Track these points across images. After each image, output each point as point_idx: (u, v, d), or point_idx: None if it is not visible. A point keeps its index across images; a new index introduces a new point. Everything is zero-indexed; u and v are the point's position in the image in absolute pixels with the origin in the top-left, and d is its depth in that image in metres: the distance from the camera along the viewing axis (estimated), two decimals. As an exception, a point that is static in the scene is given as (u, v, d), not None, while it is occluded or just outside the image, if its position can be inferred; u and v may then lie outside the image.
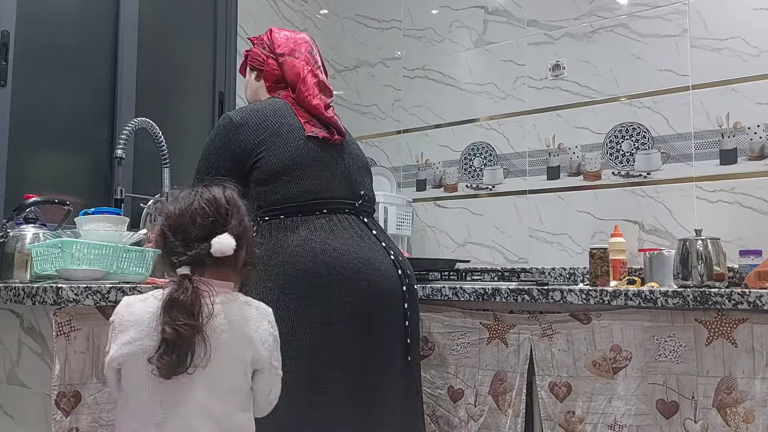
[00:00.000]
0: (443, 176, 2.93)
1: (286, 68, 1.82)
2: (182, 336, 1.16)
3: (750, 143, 2.25)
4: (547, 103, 2.66)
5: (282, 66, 1.83)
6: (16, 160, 2.24)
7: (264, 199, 1.68)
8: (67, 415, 1.43)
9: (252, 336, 1.26)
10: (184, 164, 2.67)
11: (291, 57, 1.82)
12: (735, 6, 2.30)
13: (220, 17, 2.97)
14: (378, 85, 3.15)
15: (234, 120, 1.72)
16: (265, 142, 1.69)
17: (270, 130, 1.70)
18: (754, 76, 2.25)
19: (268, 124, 1.72)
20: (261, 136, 1.70)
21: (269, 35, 1.88)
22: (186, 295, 1.19)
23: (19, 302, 1.49)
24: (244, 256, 1.28)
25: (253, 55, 1.89)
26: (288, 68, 1.82)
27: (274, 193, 1.67)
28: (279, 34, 1.87)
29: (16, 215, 1.84)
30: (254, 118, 1.72)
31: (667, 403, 1.73)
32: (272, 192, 1.68)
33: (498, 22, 2.82)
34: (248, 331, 1.25)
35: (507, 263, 2.70)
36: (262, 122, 1.72)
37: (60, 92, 2.41)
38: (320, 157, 1.72)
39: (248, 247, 1.29)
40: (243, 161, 1.70)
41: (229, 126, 1.71)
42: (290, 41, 1.85)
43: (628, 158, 2.48)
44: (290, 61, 1.82)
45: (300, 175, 1.68)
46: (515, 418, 1.90)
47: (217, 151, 1.71)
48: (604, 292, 1.80)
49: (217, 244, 1.21)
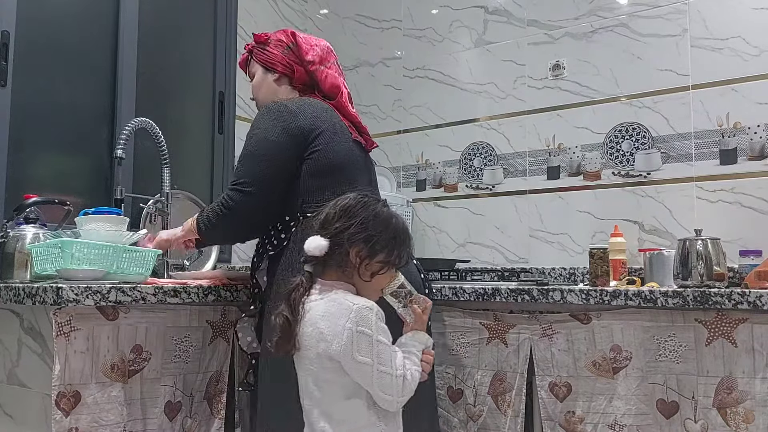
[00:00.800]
0: (443, 176, 2.93)
1: (320, 77, 1.83)
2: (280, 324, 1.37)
3: (750, 143, 2.25)
4: (547, 103, 2.66)
5: (313, 74, 1.83)
6: (16, 160, 2.24)
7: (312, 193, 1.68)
8: (66, 415, 1.44)
9: (323, 331, 1.33)
10: (184, 164, 2.67)
11: (323, 66, 1.83)
12: (735, 6, 2.30)
13: (220, 17, 2.97)
14: (378, 85, 3.15)
15: (289, 107, 1.70)
16: (324, 135, 1.69)
17: (326, 125, 1.71)
18: (754, 76, 2.25)
19: (324, 117, 1.72)
20: (319, 127, 1.70)
21: (292, 38, 1.86)
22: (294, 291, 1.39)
23: (19, 302, 1.49)
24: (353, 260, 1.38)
25: (271, 56, 1.85)
26: (321, 78, 1.83)
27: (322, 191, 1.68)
28: (303, 39, 1.86)
29: (16, 215, 1.84)
30: (308, 109, 1.72)
31: (667, 403, 1.73)
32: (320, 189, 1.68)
33: (498, 22, 2.81)
34: (321, 327, 1.34)
35: (507, 263, 2.70)
36: (318, 115, 1.72)
37: (60, 92, 2.41)
38: (362, 162, 1.80)
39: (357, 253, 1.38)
40: (301, 145, 1.68)
41: (285, 111, 1.69)
42: (317, 48, 1.85)
43: (628, 158, 2.48)
44: (323, 71, 1.83)
45: (348, 176, 1.71)
46: (515, 418, 1.90)
47: (277, 135, 1.67)
48: (604, 292, 1.80)
49: (307, 244, 1.39)
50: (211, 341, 1.76)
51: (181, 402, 1.68)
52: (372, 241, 1.39)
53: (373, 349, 1.32)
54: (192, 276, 1.85)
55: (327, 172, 1.68)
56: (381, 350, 1.33)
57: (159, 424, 1.62)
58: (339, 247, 1.38)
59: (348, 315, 1.33)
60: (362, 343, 1.32)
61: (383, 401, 1.35)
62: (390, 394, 1.34)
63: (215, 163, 2.93)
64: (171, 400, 1.66)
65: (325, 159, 1.68)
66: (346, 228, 1.38)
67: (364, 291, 1.42)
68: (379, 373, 1.32)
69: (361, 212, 1.41)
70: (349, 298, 1.36)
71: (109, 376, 1.52)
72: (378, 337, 1.33)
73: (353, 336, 1.31)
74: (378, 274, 1.40)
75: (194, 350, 1.72)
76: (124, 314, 1.55)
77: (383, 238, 1.40)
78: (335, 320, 1.33)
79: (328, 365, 1.34)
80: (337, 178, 1.69)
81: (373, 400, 1.35)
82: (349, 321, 1.32)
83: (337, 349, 1.31)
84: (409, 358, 1.40)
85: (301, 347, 1.36)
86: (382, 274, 1.41)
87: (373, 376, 1.32)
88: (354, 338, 1.31)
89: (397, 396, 1.35)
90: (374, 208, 1.42)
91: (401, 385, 1.35)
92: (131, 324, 1.57)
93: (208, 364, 1.76)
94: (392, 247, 1.41)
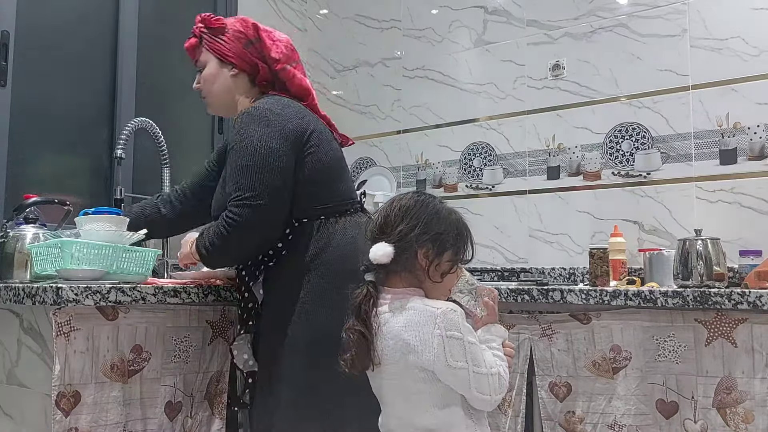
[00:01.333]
0: (443, 176, 2.93)
1: (286, 77, 1.73)
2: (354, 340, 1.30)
3: (750, 143, 2.25)
4: (546, 103, 2.66)
5: (278, 74, 1.73)
6: (16, 160, 2.24)
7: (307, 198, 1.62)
8: (66, 415, 1.43)
9: (410, 342, 1.27)
10: (184, 164, 2.67)
11: (289, 66, 1.73)
12: (735, 6, 2.30)
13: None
14: (378, 85, 3.15)
15: (274, 110, 1.60)
16: (314, 135, 1.63)
17: (313, 125, 1.65)
18: (754, 76, 2.25)
19: (308, 118, 1.66)
20: (309, 127, 1.63)
21: (255, 32, 1.73)
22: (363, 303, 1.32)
23: (19, 302, 1.49)
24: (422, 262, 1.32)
25: (229, 48, 1.71)
26: (288, 77, 1.73)
27: (316, 193, 1.63)
28: (266, 33, 1.75)
29: (16, 215, 1.84)
30: (293, 110, 1.64)
31: (666, 403, 1.73)
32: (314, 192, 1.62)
33: (498, 22, 2.82)
34: (407, 338, 1.28)
35: (507, 263, 2.70)
36: (303, 115, 1.65)
37: (60, 92, 2.41)
38: (344, 161, 1.75)
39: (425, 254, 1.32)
40: (297, 148, 1.60)
41: (272, 115, 1.58)
42: (281, 45, 1.74)
43: (627, 158, 2.48)
44: (290, 70, 1.73)
45: (338, 176, 1.68)
46: (515, 418, 1.90)
47: (276, 141, 1.56)
48: (603, 292, 1.80)
49: (372, 252, 1.31)
50: (211, 341, 1.76)
51: (181, 402, 1.68)
52: (439, 240, 1.33)
53: (466, 351, 1.27)
54: (192, 276, 1.85)
55: (320, 172, 1.63)
56: (474, 351, 1.28)
57: (159, 424, 1.62)
58: (405, 251, 1.31)
59: (435, 321, 1.27)
60: (455, 348, 1.26)
61: (481, 402, 1.30)
62: (488, 393, 1.29)
63: (215, 163, 2.93)
64: (171, 400, 1.66)
65: (318, 160, 1.62)
66: (411, 230, 1.32)
67: (434, 293, 1.36)
68: (475, 375, 1.27)
69: (423, 211, 1.35)
70: (430, 304, 1.31)
71: (109, 376, 1.52)
72: (468, 339, 1.28)
73: (444, 342, 1.25)
74: (448, 273, 1.35)
75: (194, 350, 1.72)
76: (123, 314, 1.55)
77: (448, 235, 1.35)
78: (421, 328, 1.27)
79: (420, 376, 1.28)
80: (329, 178, 1.65)
81: (467, 404, 1.31)
82: (437, 327, 1.26)
83: (430, 358, 1.26)
84: (497, 354, 1.35)
85: (381, 362, 1.30)
86: (452, 273, 1.36)
87: (470, 380, 1.27)
88: (446, 344, 1.25)
89: (495, 394, 1.30)
90: (434, 206, 1.37)
91: (497, 382, 1.30)
92: (131, 324, 1.57)
93: (209, 364, 1.75)
94: (458, 243, 1.36)
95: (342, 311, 1.37)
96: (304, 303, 1.57)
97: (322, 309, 1.55)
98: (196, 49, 1.78)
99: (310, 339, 1.54)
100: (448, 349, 1.25)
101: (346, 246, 1.60)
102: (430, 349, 1.26)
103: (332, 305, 1.52)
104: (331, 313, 1.50)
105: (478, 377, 1.28)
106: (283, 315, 1.58)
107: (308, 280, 1.58)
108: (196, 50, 1.78)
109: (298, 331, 1.56)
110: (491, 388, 1.29)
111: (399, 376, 1.30)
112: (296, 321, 1.56)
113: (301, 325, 1.56)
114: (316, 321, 1.55)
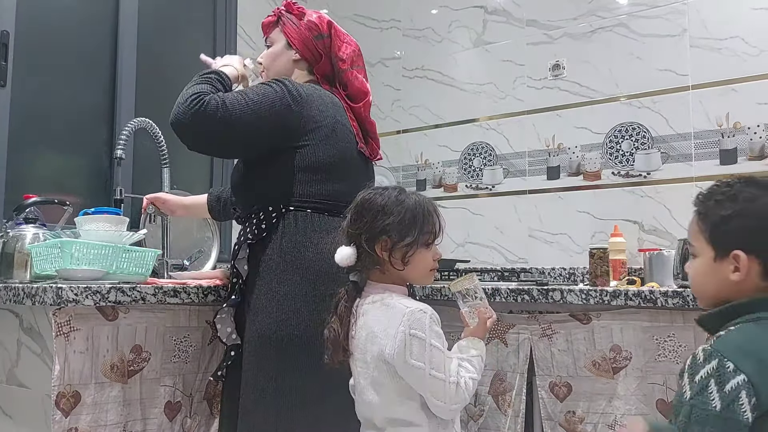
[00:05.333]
0: (443, 176, 2.93)
1: (348, 78, 1.80)
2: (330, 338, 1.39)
3: (750, 143, 2.25)
4: (546, 103, 2.66)
5: (341, 74, 1.80)
6: (16, 160, 2.24)
7: (297, 187, 1.64)
8: (66, 415, 1.44)
9: (377, 334, 1.34)
10: (184, 164, 2.67)
11: (353, 68, 1.82)
12: (734, 6, 2.30)
13: (219, 17, 2.97)
14: (377, 84, 3.15)
15: (300, 91, 1.65)
16: (318, 132, 1.66)
17: (327, 122, 1.68)
18: (754, 76, 2.25)
19: (327, 114, 1.69)
20: (318, 122, 1.66)
21: (328, 29, 1.80)
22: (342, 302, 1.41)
23: (19, 302, 1.49)
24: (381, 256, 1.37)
25: (301, 35, 1.79)
26: (350, 79, 1.80)
27: (308, 187, 1.65)
28: (337, 32, 1.82)
29: (16, 215, 1.85)
30: (316, 101, 1.68)
31: (667, 403, 1.73)
32: (307, 183, 1.65)
33: (497, 22, 2.82)
34: (375, 330, 1.35)
35: (507, 263, 2.70)
36: (323, 109, 1.68)
37: (60, 92, 2.41)
38: (359, 169, 1.76)
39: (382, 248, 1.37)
40: (289, 133, 1.64)
41: (296, 92, 1.64)
42: (349, 48, 1.82)
43: (627, 158, 2.48)
44: (353, 72, 1.81)
45: (339, 177, 1.68)
46: (515, 418, 1.90)
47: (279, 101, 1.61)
48: (603, 292, 1.80)
49: (336, 258, 1.40)
50: (210, 341, 1.76)
51: (180, 402, 1.68)
52: (388, 231, 1.36)
53: (426, 353, 1.30)
54: (192, 276, 1.85)
55: (314, 169, 1.65)
56: (434, 355, 1.31)
57: (159, 424, 1.62)
58: (363, 249, 1.37)
59: (402, 318, 1.31)
60: (415, 347, 1.30)
61: (435, 407, 1.32)
62: (442, 400, 1.31)
63: (215, 163, 2.93)
64: (171, 400, 1.66)
65: (313, 156, 1.64)
66: (358, 230, 1.38)
67: (412, 277, 1.43)
68: (431, 378, 1.30)
69: (369, 207, 1.39)
70: (403, 302, 1.35)
71: (109, 377, 1.52)
72: (431, 341, 1.31)
73: (406, 339, 1.29)
74: (409, 257, 1.37)
75: (194, 350, 1.72)
76: (123, 314, 1.55)
77: (400, 224, 1.37)
78: (389, 323, 1.32)
79: (384, 368, 1.33)
80: (324, 178, 1.66)
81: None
82: (403, 324, 1.31)
83: (391, 351, 1.31)
84: (464, 365, 1.37)
85: (355, 351, 1.38)
86: (413, 255, 1.38)
87: (425, 381, 1.30)
88: (407, 341, 1.29)
89: (450, 403, 1.32)
90: (381, 199, 1.39)
91: (454, 391, 1.32)
92: (131, 324, 1.57)
93: (208, 365, 1.75)
94: (413, 226, 1.38)
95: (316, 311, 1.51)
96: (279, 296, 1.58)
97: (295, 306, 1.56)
98: (271, 27, 1.89)
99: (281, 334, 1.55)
100: (408, 346, 1.30)
101: (329, 245, 1.59)
102: (392, 343, 1.31)
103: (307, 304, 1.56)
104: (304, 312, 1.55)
105: (433, 381, 1.31)
106: (258, 303, 1.60)
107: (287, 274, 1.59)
108: (271, 28, 1.89)
109: (270, 323, 1.56)
110: (446, 396, 1.32)
111: (368, 366, 1.36)
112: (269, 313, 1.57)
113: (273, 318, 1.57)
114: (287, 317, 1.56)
